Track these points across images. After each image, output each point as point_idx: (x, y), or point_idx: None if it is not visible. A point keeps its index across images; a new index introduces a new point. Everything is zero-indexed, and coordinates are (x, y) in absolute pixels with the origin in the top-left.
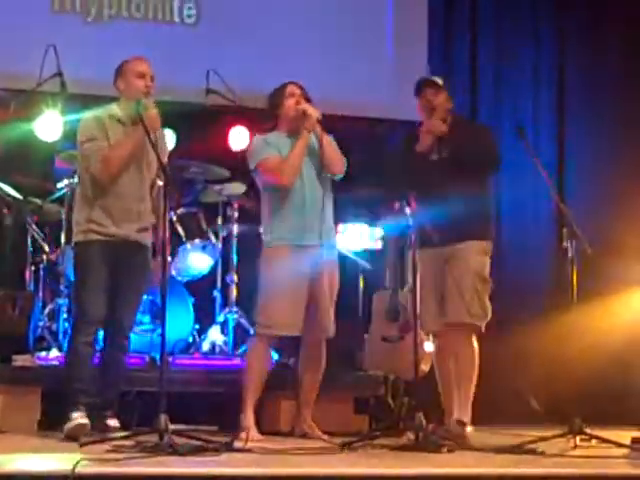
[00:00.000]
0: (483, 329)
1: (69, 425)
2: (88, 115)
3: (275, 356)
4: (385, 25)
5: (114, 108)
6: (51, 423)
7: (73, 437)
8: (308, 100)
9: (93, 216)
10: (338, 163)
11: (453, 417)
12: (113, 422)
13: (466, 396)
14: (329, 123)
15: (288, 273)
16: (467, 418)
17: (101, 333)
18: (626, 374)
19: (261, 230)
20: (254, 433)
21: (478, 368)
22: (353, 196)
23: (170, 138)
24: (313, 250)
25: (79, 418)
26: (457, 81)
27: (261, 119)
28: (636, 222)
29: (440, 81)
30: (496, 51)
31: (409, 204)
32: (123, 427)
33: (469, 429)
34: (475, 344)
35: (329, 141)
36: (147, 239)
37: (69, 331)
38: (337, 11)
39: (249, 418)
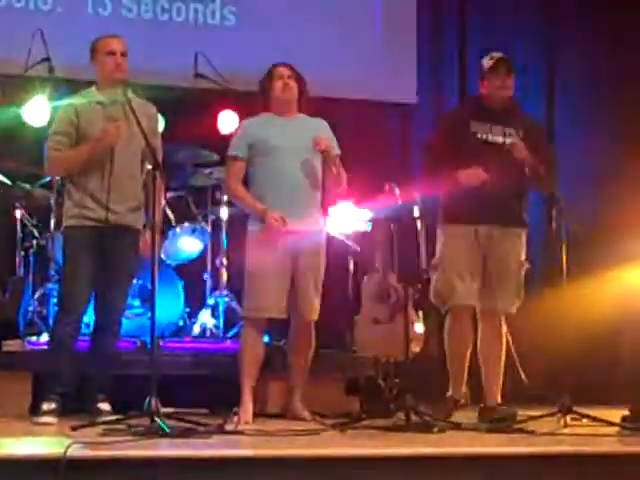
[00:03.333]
0: None
1: (36, 419)
2: (62, 104)
3: (266, 338)
4: (375, 6)
5: (92, 91)
6: None
7: None
8: (299, 80)
9: (81, 200)
10: (338, 190)
11: (497, 402)
12: (104, 406)
13: (499, 378)
14: (319, 105)
15: (270, 257)
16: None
17: (92, 317)
18: (616, 352)
19: None
20: (246, 416)
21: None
22: None
23: (159, 122)
24: (295, 233)
25: (46, 415)
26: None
27: (253, 102)
28: (626, 200)
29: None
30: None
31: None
32: (114, 410)
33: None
34: (504, 327)
35: (337, 172)
36: (138, 221)
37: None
38: None
39: (246, 402)
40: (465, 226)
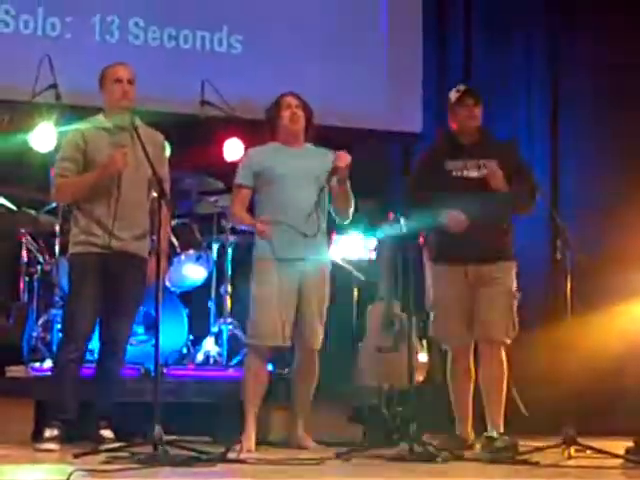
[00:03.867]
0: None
1: (39, 446)
2: (70, 129)
3: (270, 367)
4: (380, 35)
5: (100, 118)
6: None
7: None
8: (306, 109)
9: (87, 227)
10: (346, 212)
11: (499, 432)
12: (107, 433)
13: (501, 406)
14: (324, 133)
15: (275, 284)
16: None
17: (97, 344)
18: (620, 383)
19: None
20: (248, 445)
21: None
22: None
23: (166, 150)
24: (299, 263)
25: (49, 442)
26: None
27: (259, 131)
28: (634, 232)
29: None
30: (490, 61)
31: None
32: (117, 438)
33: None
34: (504, 356)
35: (347, 192)
36: (143, 249)
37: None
38: (332, 23)
39: (249, 430)
40: (453, 267)
